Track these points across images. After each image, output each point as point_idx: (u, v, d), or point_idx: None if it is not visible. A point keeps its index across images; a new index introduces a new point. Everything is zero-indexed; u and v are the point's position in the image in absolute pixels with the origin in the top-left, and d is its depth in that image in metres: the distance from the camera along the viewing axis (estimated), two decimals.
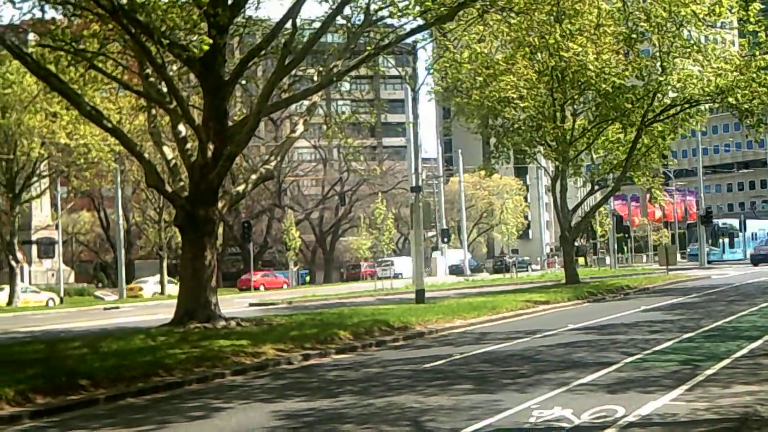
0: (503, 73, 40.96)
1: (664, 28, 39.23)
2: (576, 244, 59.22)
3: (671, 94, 43.41)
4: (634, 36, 40.38)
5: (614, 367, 15.65)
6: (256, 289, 67.28)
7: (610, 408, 11.65)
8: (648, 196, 62.43)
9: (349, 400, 13.46)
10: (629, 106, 42.44)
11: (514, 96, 41.95)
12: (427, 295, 35.67)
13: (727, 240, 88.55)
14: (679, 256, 73.95)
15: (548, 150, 46.75)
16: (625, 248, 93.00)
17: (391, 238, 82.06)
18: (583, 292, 37.99)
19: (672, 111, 44.40)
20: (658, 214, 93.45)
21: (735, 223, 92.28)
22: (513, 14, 28.23)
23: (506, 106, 43.58)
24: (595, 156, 49.66)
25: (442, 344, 21.41)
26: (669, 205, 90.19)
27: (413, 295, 35.49)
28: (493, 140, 48.67)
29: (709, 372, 14.67)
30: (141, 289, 66.21)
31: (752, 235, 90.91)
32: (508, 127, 46.23)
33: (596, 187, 51.92)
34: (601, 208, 71.16)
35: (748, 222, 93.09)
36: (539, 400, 12.51)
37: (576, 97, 44.56)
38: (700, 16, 34.78)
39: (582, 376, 14.61)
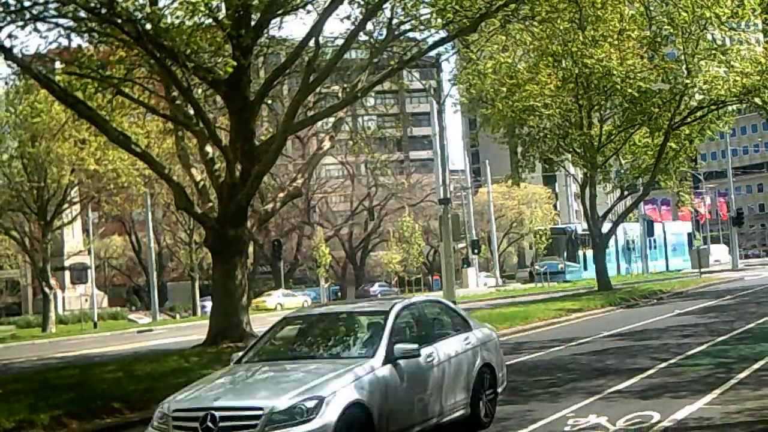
0: (527, 82, 40.93)
1: (688, 31, 39.05)
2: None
3: (698, 97, 43.16)
4: (658, 40, 40.19)
5: (648, 372, 15.59)
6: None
7: (645, 414, 11.61)
8: (677, 200, 62.04)
9: None
10: (656, 110, 42.26)
11: (539, 104, 41.88)
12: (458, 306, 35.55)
13: None
14: (712, 259, 73.15)
15: (576, 157, 46.61)
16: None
17: (420, 251, 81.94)
18: (615, 298, 37.79)
19: (699, 113, 44.17)
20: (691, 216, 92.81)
21: None
22: (535, 23, 28.19)
23: (531, 115, 43.51)
24: (623, 161, 49.42)
25: None
26: (700, 208, 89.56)
27: None
28: (520, 149, 48.60)
29: (742, 375, 14.58)
30: (264, 301, 69.38)
31: None
32: (535, 135, 46.16)
33: (626, 193, 51.66)
34: (631, 214, 70.79)
35: None
36: (574, 408, 12.48)
37: (602, 103, 44.40)
38: (723, 18, 34.58)
39: (616, 383, 14.56)
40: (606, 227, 48.71)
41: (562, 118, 44.14)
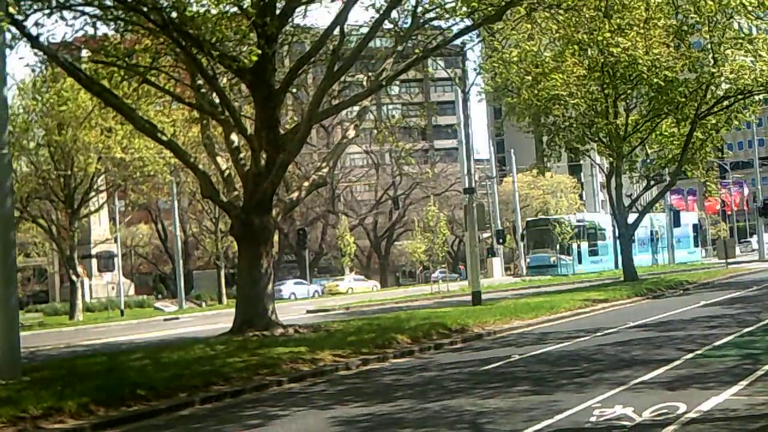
0: (553, 71, 40.71)
1: (714, 20, 38.76)
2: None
3: (724, 86, 42.79)
4: (684, 28, 39.93)
5: (674, 363, 15.53)
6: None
7: (671, 405, 11.56)
8: (704, 190, 61.60)
9: (407, 405, 13.48)
10: (682, 99, 42.00)
11: (565, 93, 41.68)
12: (483, 296, 35.56)
13: None
14: (738, 250, 72.38)
15: (602, 146, 46.40)
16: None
17: (445, 241, 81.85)
18: (641, 289, 37.63)
19: (725, 103, 43.84)
20: (718, 206, 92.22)
21: None
22: (561, 11, 28.00)
23: (557, 104, 43.32)
24: (649, 151, 49.14)
25: (501, 346, 21.35)
26: (727, 198, 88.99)
27: (470, 297, 35.38)
28: (545, 138, 48.41)
29: None
30: (337, 285, 74.13)
31: None
32: (560, 124, 45.98)
33: (652, 183, 51.35)
34: (658, 204, 70.29)
35: None
36: (599, 399, 12.45)
37: (628, 92, 44.14)
38: (749, 7, 34.25)
39: (642, 374, 14.51)
40: (632, 217, 48.45)
41: (587, 107, 43.94)
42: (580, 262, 69.56)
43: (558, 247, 69.49)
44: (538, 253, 70.53)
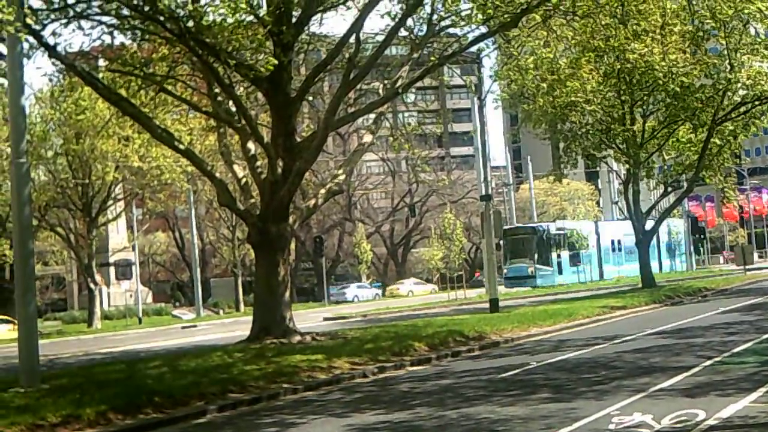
0: (569, 78, 40.64)
1: (731, 26, 38.65)
2: None
3: (741, 92, 42.64)
4: (700, 34, 39.82)
5: (693, 371, 15.45)
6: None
7: (690, 412, 11.51)
8: (722, 196, 61.24)
9: (424, 412, 13.45)
10: (699, 105, 41.87)
11: (581, 100, 41.60)
12: (501, 303, 35.50)
13: None
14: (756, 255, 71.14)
15: (619, 153, 46.30)
16: (701, 249, 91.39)
17: (462, 248, 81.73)
18: (659, 295, 37.49)
19: (742, 109, 43.67)
20: (736, 213, 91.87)
21: None
22: (577, 18, 28.01)
23: (573, 111, 43.23)
24: (666, 157, 48.97)
25: (518, 353, 21.30)
26: (745, 203, 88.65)
27: (487, 305, 35.32)
28: (561, 145, 48.31)
29: None
30: (397, 288, 79.46)
31: None
32: (577, 131, 45.89)
33: (669, 189, 51.15)
34: (675, 210, 69.92)
35: None
36: (618, 406, 12.39)
37: (645, 98, 44.04)
38: (766, 13, 34.10)
39: (660, 381, 14.44)
40: (649, 224, 48.26)
41: (604, 113, 43.87)
42: (560, 272, 65.42)
43: (536, 257, 65.11)
44: (516, 263, 65.53)
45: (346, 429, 12.58)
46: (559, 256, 66.40)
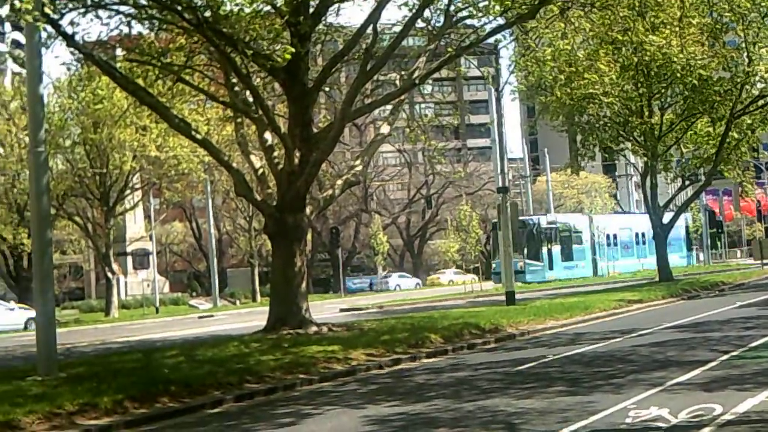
0: (587, 70, 40.45)
1: (749, 18, 38.45)
2: None
3: (759, 85, 42.41)
4: (718, 27, 39.62)
5: (710, 365, 15.39)
6: None
7: (707, 407, 11.44)
8: (740, 190, 60.95)
9: (441, 404, 13.44)
10: (717, 98, 41.67)
11: (599, 92, 41.43)
12: (517, 296, 35.43)
13: None
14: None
15: (636, 146, 46.13)
16: (719, 243, 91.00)
17: (478, 240, 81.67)
18: (676, 289, 37.39)
19: (761, 102, 43.45)
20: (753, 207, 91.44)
21: None
22: (595, 10, 27.87)
23: (591, 103, 43.07)
24: (684, 150, 48.75)
25: (535, 346, 21.26)
26: (763, 198, 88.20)
27: (503, 297, 35.26)
28: (579, 137, 48.17)
29: None
30: (438, 278, 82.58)
31: None
32: (594, 123, 45.74)
33: (687, 183, 50.97)
34: (693, 204, 69.54)
35: None
36: (635, 400, 12.35)
37: (662, 91, 43.85)
38: None
39: (677, 375, 14.38)
40: (667, 217, 48.07)
41: (622, 106, 43.69)
42: (551, 267, 63.47)
43: (525, 251, 61.51)
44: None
45: (362, 420, 12.57)
46: (550, 250, 64.50)
